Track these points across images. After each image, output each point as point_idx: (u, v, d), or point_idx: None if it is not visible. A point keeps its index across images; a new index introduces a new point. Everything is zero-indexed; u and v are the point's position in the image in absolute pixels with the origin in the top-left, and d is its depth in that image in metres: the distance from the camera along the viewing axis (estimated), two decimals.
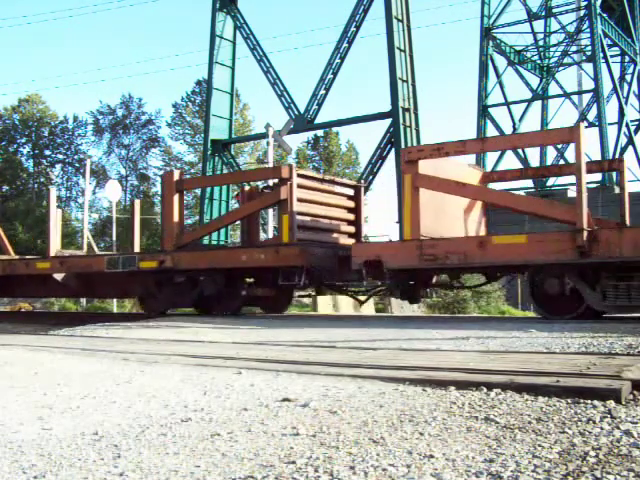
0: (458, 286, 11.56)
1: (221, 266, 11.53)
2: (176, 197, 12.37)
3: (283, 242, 11.01)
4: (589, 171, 11.67)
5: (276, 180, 14.63)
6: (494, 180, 12.92)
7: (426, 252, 9.50)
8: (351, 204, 12.85)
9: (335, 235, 12.32)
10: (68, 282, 13.79)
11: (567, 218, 9.19)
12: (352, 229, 12.74)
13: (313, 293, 13.28)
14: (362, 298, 12.68)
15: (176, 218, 12.34)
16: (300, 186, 11.37)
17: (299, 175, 11.49)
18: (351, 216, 12.79)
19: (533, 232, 11.09)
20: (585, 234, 8.50)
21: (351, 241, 12.14)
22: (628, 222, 10.62)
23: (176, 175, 12.88)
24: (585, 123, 9.65)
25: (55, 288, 14.49)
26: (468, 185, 10.02)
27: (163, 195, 13.15)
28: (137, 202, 15.07)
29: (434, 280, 10.99)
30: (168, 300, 12.65)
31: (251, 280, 12.17)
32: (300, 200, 11.31)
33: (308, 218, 11.68)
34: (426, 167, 9.89)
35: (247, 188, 13.02)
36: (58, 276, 13.67)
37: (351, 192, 12.91)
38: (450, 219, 10.63)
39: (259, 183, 13.45)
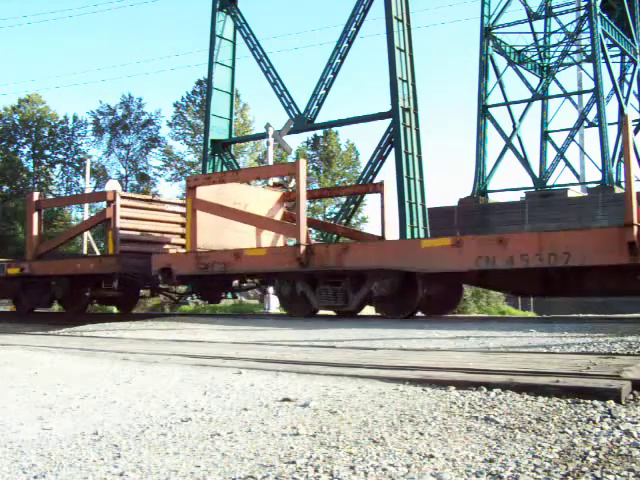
0: (247, 287, 13.92)
1: (64, 273, 13.65)
2: (35, 214, 14.54)
3: (108, 253, 13.30)
4: (357, 192, 15.74)
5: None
6: (292, 199, 14.28)
7: (200, 262, 11.34)
8: (183, 219, 14.07)
9: (167, 246, 13.94)
10: None
11: (291, 235, 11.25)
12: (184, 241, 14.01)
13: (148, 294, 15.53)
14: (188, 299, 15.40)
15: (35, 232, 14.53)
16: (126, 206, 13.31)
17: (123, 197, 13.55)
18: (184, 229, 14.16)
19: (273, 246, 12.67)
20: (303, 248, 10.30)
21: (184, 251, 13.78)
22: (386, 237, 12.37)
23: (35, 196, 14.90)
24: (304, 160, 11.78)
25: None
26: (225, 207, 11.75)
27: (25, 212, 15.75)
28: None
29: (234, 284, 12.99)
30: (31, 301, 14.87)
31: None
32: (127, 218, 13.24)
33: (137, 232, 13.53)
34: (208, 191, 11.83)
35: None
36: None
37: (183, 209, 13.98)
38: (237, 233, 12.29)
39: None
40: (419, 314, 10.70)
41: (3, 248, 35.64)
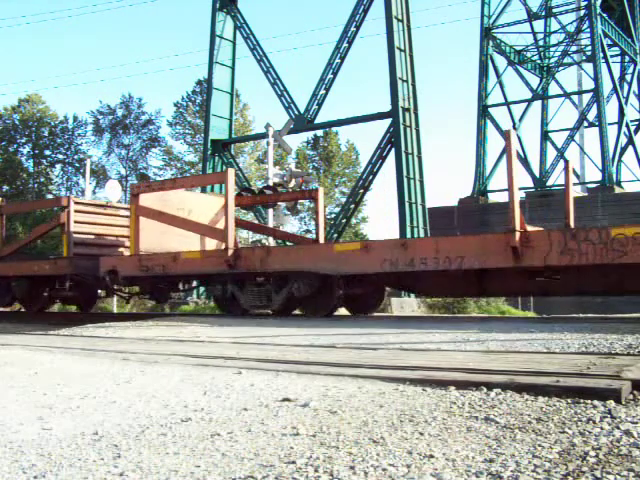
0: (189, 288, 14.87)
1: (23, 274, 14.34)
2: None
3: (63, 256, 13.78)
4: (293, 199, 15.27)
5: (276, 180, 15.10)
6: (241, 205, 15.52)
7: (142, 264, 12.03)
8: None
9: (121, 249, 14.50)
10: None
11: (220, 239, 11.79)
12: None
13: (103, 294, 16.18)
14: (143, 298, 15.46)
15: None
16: (80, 211, 13.96)
17: (77, 203, 14.20)
18: None
19: (205, 250, 12.96)
20: (231, 252, 10.94)
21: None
22: (322, 239, 12.78)
23: None
24: (232, 170, 12.16)
25: None
26: (163, 213, 12.35)
27: None
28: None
29: (180, 286, 13.66)
30: None
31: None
32: (81, 222, 13.84)
33: (92, 236, 14.20)
34: (152, 198, 12.47)
35: (244, 188, 13.59)
36: None
37: None
38: (181, 237, 12.77)
39: (259, 183, 13.70)
40: (347, 313, 11.53)
41: None
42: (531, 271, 9.05)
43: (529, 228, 8.99)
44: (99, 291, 15.47)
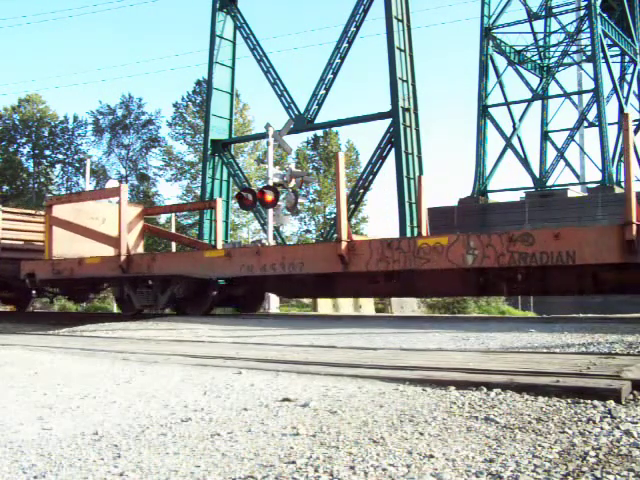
0: (98, 290, 16.10)
1: None
2: None
3: None
4: (195, 208, 17.60)
5: (276, 180, 15.09)
6: (150, 214, 17.50)
7: (54, 268, 13.38)
8: None
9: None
10: None
11: (113, 246, 12.91)
12: None
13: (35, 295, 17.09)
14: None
15: None
16: (8, 219, 15.44)
17: (5, 212, 15.63)
18: None
19: (104, 255, 13.51)
20: (123, 258, 12.20)
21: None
22: (220, 246, 13.45)
23: None
24: (125, 185, 13.91)
25: None
26: (70, 223, 13.76)
27: None
28: None
29: (104, 285, 14.91)
30: None
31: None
32: (10, 230, 15.35)
33: (20, 242, 15.57)
34: (67, 208, 14.02)
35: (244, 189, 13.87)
36: None
37: None
38: (93, 243, 13.77)
39: (259, 183, 13.74)
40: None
41: None
42: (364, 275, 9.94)
43: (355, 238, 10.08)
44: (33, 292, 16.30)
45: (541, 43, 36.22)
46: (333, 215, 37.78)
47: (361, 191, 21.44)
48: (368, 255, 9.32)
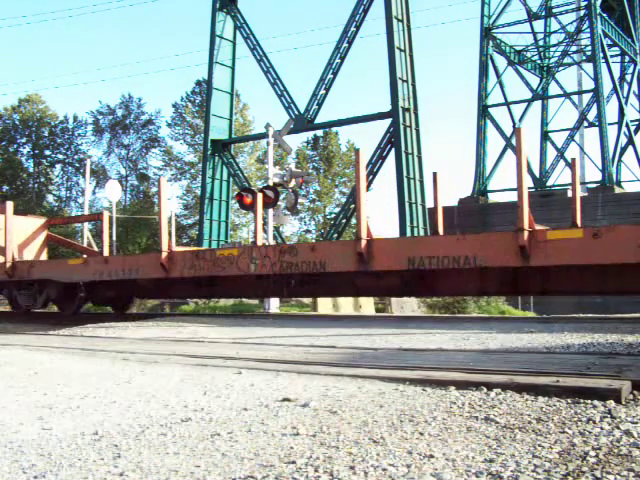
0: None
1: None
2: None
3: None
4: (87, 220, 19.00)
5: (276, 180, 15.13)
6: (54, 224, 18.38)
7: (6, 272, 14.23)
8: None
9: None
10: None
11: (2, 255, 13.82)
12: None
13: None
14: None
15: None
16: None
17: None
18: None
19: None
20: (9, 264, 13.47)
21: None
22: (107, 253, 14.01)
23: None
24: (11, 203, 14.77)
25: None
26: None
27: None
28: None
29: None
30: None
31: None
32: None
33: None
34: None
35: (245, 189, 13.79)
36: None
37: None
38: (29, 250, 15.24)
39: (259, 183, 13.72)
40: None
41: None
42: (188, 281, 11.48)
43: (176, 249, 11.34)
44: None
45: (541, 43, 36.21)
46: (333, 215, 37.77)
47: None
48: (183, 264, 10.79)
